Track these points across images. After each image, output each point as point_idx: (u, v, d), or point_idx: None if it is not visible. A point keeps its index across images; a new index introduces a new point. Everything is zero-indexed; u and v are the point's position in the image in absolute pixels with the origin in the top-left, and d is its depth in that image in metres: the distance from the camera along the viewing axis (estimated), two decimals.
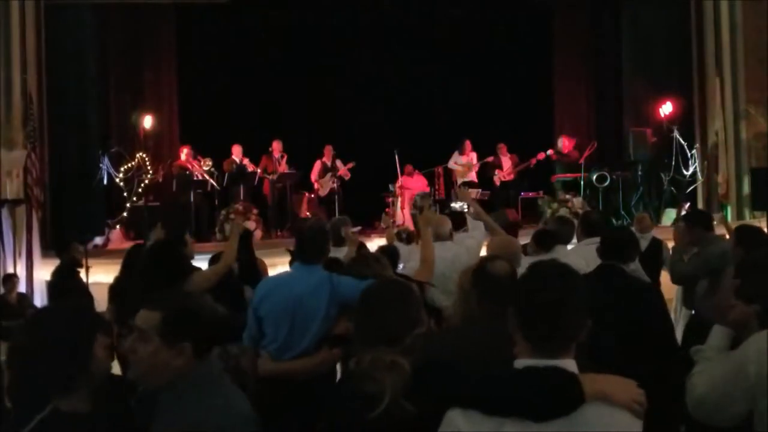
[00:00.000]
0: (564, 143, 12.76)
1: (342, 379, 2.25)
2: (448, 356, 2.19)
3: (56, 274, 7.43)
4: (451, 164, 13.19)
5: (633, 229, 7.21)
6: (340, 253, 4.81)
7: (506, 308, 1.92)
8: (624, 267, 3.75)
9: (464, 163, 13.12)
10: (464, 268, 4.64)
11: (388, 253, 4.68)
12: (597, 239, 4.87)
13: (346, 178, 12.87)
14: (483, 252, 5.05)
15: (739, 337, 2.33)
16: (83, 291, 6.99)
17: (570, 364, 1.83)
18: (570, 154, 12.65)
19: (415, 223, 9.04)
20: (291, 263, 4.48)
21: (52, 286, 7.31)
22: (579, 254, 4.66)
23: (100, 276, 8.15)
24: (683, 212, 11.00)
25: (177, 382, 2.10)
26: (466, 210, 5.50)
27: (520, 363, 1.85)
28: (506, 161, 13.13)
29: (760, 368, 2.12)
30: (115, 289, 5.06)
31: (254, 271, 5.09)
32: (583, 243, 4.94)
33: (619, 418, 1.79)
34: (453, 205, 5.91)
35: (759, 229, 4.58)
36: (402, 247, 5.43)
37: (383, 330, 2.16)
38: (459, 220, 5.35)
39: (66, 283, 7.09)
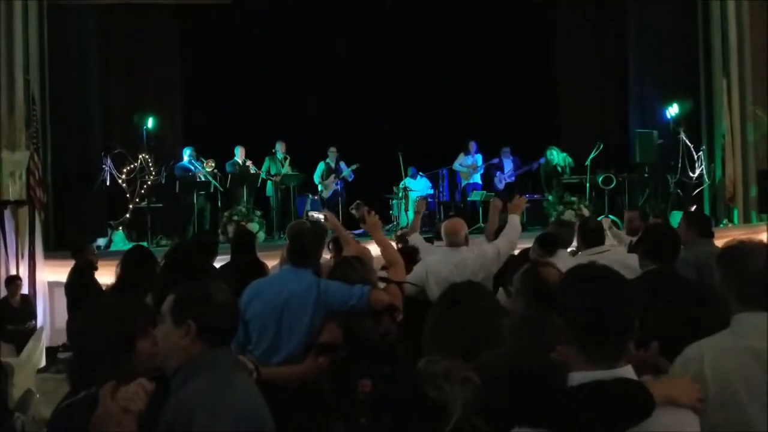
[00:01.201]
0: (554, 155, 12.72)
1: (410, 383, 2.13)
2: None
3: (72, 275, 7.40)
4: (456, 166, 13.14)
5: (624, 230, 7.18)
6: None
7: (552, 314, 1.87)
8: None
9: (469, 164, 13.07)
10: (470, 272, 4.64)
11: (406, 253, 4.68)
12: (599, 249, 4.82)
13: (349, 179, 12.82)
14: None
15: None
16: (99, 292, 6.95)
17: (629, 372, 1.82)
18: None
19: (416, 225, 8.98)
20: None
21: (69, 288, 7.28)
22: None
23: (104, 278, 8.10)
24: None
25: (186, 366, 2.16)
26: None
27: (580, 376, 1.80)
28: (508, 163, 13.09)
29: (685, 372, 2.12)
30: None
31: (260, 271, 5.04)
32: (585, 254, 4.83)
33: (685, 418, 1.83)
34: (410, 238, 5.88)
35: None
36: (421, 242, 5.41)
37: (462, 341, 2.07)
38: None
39: (82, 284, 7.08)
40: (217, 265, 5.10)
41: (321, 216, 9.64)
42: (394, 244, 7.56)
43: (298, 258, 3.80)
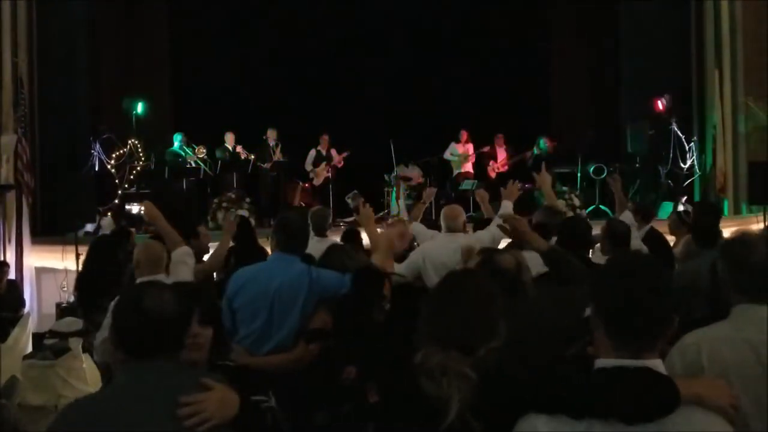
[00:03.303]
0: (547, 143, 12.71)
1: (403, 375, 2.09)
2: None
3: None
4: (447, 155, 13.10)
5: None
6: (324, 244, 4.69)
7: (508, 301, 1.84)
8: None
9: (460, 153, 13.03)
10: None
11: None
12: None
13: (339, 166, 12.76)
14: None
15: None
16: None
17: (658, 365, 1.76)
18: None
19: (409, 213, 8.98)
20: None
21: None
22: None
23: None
24: (680, 206, 10.94)
25: None
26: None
27: (603, 362, 1.76)
28: (501, 152, 13.06)
29: (682, 359, 2.13)
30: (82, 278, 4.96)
31: (260, 255, 5.03)
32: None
33: (713, 422, 1.72)
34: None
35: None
36: (423, 231, 5.38)
37: (459, 335, 2.02)
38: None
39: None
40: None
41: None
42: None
43: (286, 245, 3.76)
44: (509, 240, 5.12)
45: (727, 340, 2.13)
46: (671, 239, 6.78)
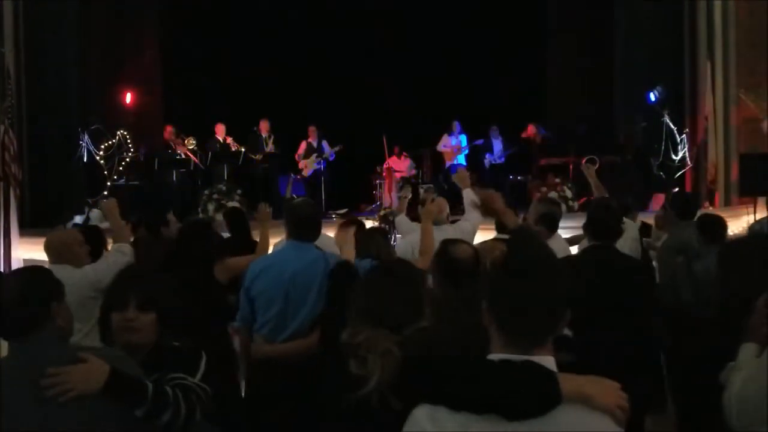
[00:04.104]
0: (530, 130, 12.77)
1: (328, 352, 2.17)
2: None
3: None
4: (440, 147, 13.07)
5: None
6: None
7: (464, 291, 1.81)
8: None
9: (453, 145, 13.00)
10: None
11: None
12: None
13: (330, 159, 12.71)
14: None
15: None
16: None
17: (547, 360, 1.67)
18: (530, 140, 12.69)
19: (403, 206, 8.93)
20: None
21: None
22: None
23: None
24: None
25: None
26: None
27: (493, 356, 1.69)
28: (497, 144, 13.04)
29: None
30: None
31: (253, 247, 5.01)
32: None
33: (598, 423, 1.62)
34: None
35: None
36: (405, 223, 5.36)
37: (386, 313, 2.04)
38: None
39: None
40: None
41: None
42: (376, 224, 7.52)
43: (299, 233, 3.78)
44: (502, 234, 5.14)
45: None
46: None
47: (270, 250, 4.69)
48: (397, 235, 5.56)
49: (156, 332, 2.47)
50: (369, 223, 6.85)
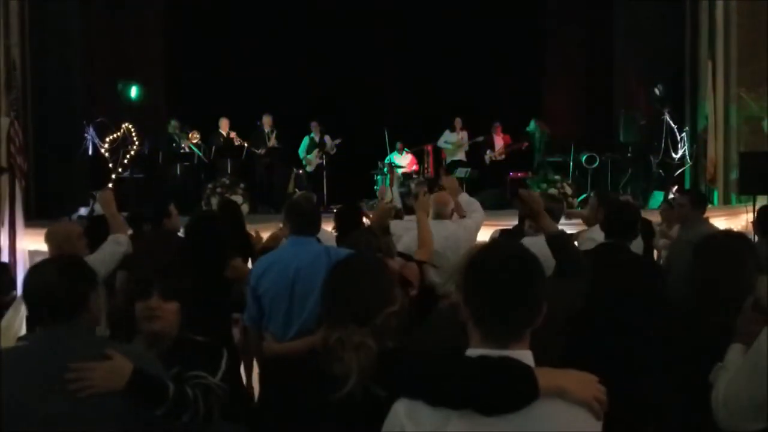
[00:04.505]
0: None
1: (306, 358, 2.20)
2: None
3: None
4: (441, 143, 13.12)
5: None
6: None
7: None
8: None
9: (454, 141, 13.06)
10: (459, 245, 4.67)
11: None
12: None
13: (332, 153, 12.78)
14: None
15: None
16: None
17: (524, 355, 1.68)
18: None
19: (403, 202, 8.99)
20: None
21: None
22: None
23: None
24: (671, 195, 11.01)
25: None
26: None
27: (471, 352, 1.70)
28: (499, 141, 13.09)
29: None
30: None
31: (246, 242, 5.06)
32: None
33: (576, 416, 1.64)
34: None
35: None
36: (397, 224, 5.39)
37: (352, 307, 2.05)
38: None
39: None
40: None
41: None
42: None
43: (300, 228, 3.78)
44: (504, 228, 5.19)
45: None
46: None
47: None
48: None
49: (178, 321, 2.51)
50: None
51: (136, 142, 11.56)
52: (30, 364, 2.12)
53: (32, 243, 9.67)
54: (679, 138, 12.09)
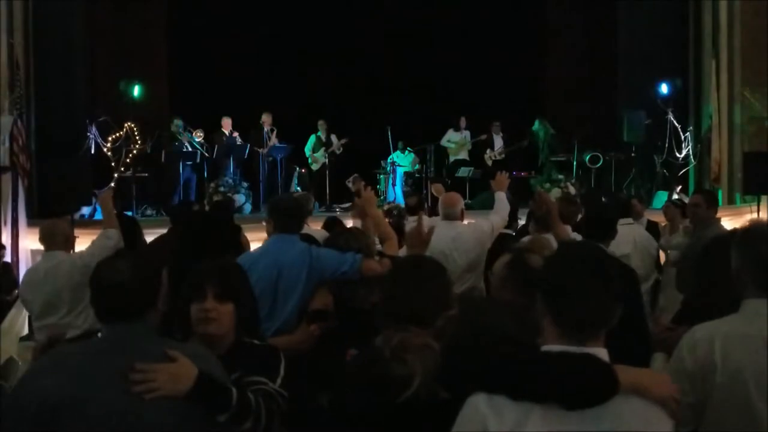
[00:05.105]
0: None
1: (367, 358, 2.16)
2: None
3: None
4: (444, 141, 13.10)
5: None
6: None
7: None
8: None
9: (458, 140, 13.04)
10: (466, 247, 4.65)
11: (395, 227, 4.65)
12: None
13: (338, 152, 12.76)
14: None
15: None
16: None
17: (602, 353, 1.74)
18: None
19: (406, 201, 8.98)
20: None
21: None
22: None
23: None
24: (674, 195, 10.99)
25: None
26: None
27: (548, 348, 1.76)
28: (498, 140, 13.07)
29: (692, 355, 2.06)
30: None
31: (235, 237, 5.03)
32: None
33: (653, 413, 1.71)
34: None
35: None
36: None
37: (415, 310, 2.08)
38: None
39: None
40: None
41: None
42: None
43: (284, 226, 3.79)
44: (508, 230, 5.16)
45: (741, 338, 2.04)
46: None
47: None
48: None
49: (234, 323, 2.44)
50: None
51: (139, 141, 11.54)
52: (98, 360, 2.07)
53: (34, 242, 9.63)
54: (683, 137, 12.07)
